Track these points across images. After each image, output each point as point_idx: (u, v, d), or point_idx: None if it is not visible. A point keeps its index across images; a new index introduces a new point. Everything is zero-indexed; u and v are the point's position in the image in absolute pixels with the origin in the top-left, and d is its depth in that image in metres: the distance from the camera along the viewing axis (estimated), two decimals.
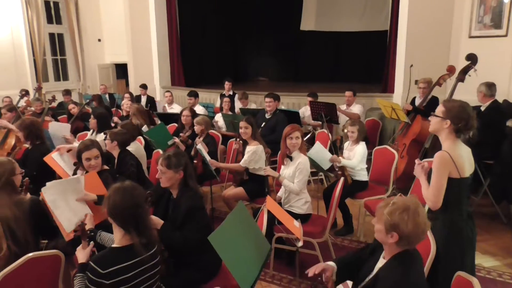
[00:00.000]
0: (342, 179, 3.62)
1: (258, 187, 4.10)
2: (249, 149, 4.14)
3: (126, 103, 6.84)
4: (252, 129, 4.17)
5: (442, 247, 2.32)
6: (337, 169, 4.36)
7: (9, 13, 9.40)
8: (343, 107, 6.43)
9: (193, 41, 11.33)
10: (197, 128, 4.83)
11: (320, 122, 6.02)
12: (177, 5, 10.72)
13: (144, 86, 9.06)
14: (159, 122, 6.28)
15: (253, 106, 7.45)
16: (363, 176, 4.36)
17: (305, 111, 6.75)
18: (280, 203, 3.69)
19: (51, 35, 10.87)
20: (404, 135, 5.01)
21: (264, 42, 13.22)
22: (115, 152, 3.87)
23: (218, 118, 6.67)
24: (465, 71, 4.71)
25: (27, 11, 9.70)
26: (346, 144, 4.56)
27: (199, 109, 6.93)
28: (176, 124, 6.08)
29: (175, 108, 7.53)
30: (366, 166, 4.38)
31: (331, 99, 6.50)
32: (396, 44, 7.17)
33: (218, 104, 7.91)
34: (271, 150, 4.33)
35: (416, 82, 5.77)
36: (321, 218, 3.86)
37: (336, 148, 5.39)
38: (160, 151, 4.56)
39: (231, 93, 8.12)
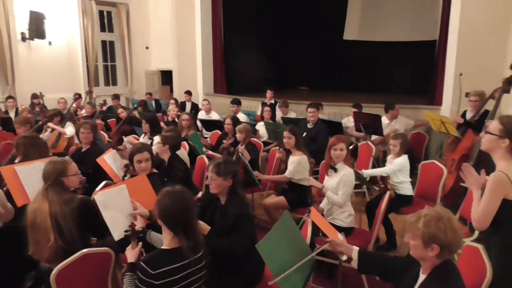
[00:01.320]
0: (388, 193, 3.52)
1: (299, 197, 4.07)
2: (293, 159, 4.12)
3: (172, 109, 7.01)
4: (296, 139, 4.16)
5: (499, 274, 2.15)
6: (380, 182, 4.25)
7: (67, 22, 9.93)
8: (385, 120, 6.25)
9: (236, 49, 11.49)
10: (238, 136, 4.87)
11: (363, 134, 5.91)
12: (222, 14, 10.93)
13: (189, 93, 9.27)
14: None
15: (293, 115, 7.44)
16: (407, 190, 4.22)
17: (347, 122, 6.66)
18: (322, 215, 3.63)
19: (103, 42, 11.37)
20: (453, 150, 4.81)
21: (306, 50, 13.19)
22: (166, 156, 3.96)
23: (260, 126, 6.70)
24: (510, 81, 4.47)
25: (83, 20, 10.22)
26: (389, 158, 4.45)
27: (241, 116, 6.98)
28: (218, 131, 6.17)
29: (213, 116, 7.65)
30: (410, 179, 4.26)
31: (375, 110, 6.37)
32: (445, 54, 6.94)
33: (259, 112, 7.94)
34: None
35: (467, 94, 5.52)
36: (364, 232, 3.77)
37: (379, 161, 5.27)
38: (204, 157, 4.64)
39: (272, 101, 8.16)
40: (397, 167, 4.15)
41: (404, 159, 4.18)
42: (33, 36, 9.07)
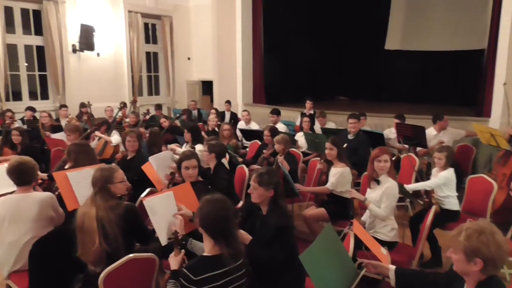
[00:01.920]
0: (433, 208, 3.40)
1: (341, 209, 4.01)
2: (335, 171, 4.07)
3: (212, 119, 7.14)
4: (338, 150, 4.11)
5: None
6: (424, 196, 4.12)
7: (114, 34, 10.39)
8: (432, 132, 6.06)
9: (275, 59, 11.56)
10: (277, 147, 4.86)
11: (406, 146, 5.75)
12: (262, 25, 11.06)
13: (228, 102, 9.42)
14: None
15: (331, 125, 7.37)
16: (453, 205, 4.06)
17: (389, 133, 6.51)
18: (363, 228, 3.56)
19: (147, 54, 11.79)
20: (504, 164, 4.59)
21: (345, 60, 13.09)
22: (212, 164, 4.02)
23: (299, 137, 6.67)
24: None
25: (129, 32, 10.65)
26: (434, 171, 4.31)
27: (280, 126, 6.99)
28: (258, 141, 6.21)
29: (253, 126, 7.69)
30: (457, 194, 4.09)
31: (418, 122, 6.20)
32: (495, 63, 6.66)
33: (298, 123, 7.93)
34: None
35: None
36: (408, 247, 3.65)
37: (422, 174, 5.12)
38: (244, 167, 4.68)
39: (312, 112, 8.12)
40: (442, 181, 4.01)
41: (450, 173, 4.03)
42: (83, 48, 9.55)
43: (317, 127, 7.21)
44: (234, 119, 8.90)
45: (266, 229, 2.71)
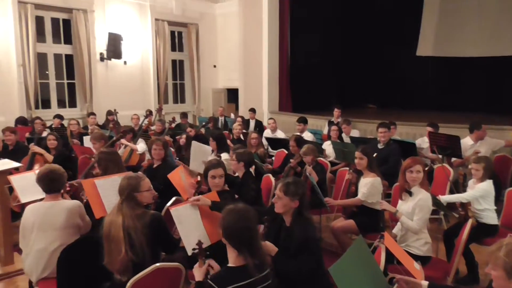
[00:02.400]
0: (469, 222, 3.30)
1: (371, 221, 3.94)
2: (366, 181, 4.02)
3: (235, 127, 7.20)
4: (368, 159, 4.06)
5: None
6: (460, 209, 4.01)
7: (141, 42, 10.65)
8: (468, 141, 5.89)
9: (302, 66, 11.57)
10: (305, 159, 4.82)
11: (440, 156, 5.62)
12: (289, 33, 11.11)
13: (253, 110, 9.45)
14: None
15: (355, 133, 7.30)
16: (491, 218, 3.93)
17: (422, 143, 6.38)
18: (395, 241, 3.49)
19: (173, 62, 12.02)
20: None
21: (374, 67, 12.95)
22: (240, 173, 4.05)
23: (326, 146, 6.63)
24: None
25: (156, 40, 10.91)
26: (470, 183, 4.19)
27: (307, 135, 6.97)
28: (284, 150, 6.20)
29: (279, 135, 7.69)
30: (495, 207, 3.96)
31: (452, 131, 6.05)
32: None
33: (325, 131, 7.89)
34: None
35: None
36: (442, 262, 3.55)
37: (458, 186, 4.98)
38: (270, 176, 4.67)
39: (340, 120, 8.06)
40: (479, 193, 3.89)
41: (488, 185, 3.91)
42: (110, 56, 9.83)
43: (346, 136, 7.15)
44: (259, 127, 8.93)
45: (291, 241, 2.69)
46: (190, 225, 2.86)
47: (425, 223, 3.40)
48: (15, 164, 4.36)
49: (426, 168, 5.61)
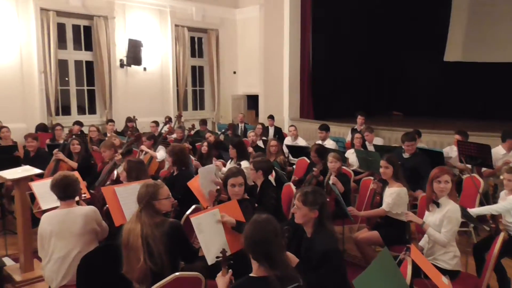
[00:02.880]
0: (501, 235, 3.23)
1: (395, 232, 3.90)
2: (391, 191, 3.98)
3: (249, 135, 7.25)
4: (393, 169, 4.02)
5: None
6: (490, 221, 3.92)
7: (161, 48, 10.83)
8: (500, 151, 5.75)
9: (324, 72, 11.57)
10: (332, 166, 4.80)
11: (469, 166, 5.51)
12: (311, 38, 11.14)
13: (271, 117, 9.47)
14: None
15: (378, 141, 7.24)
16: None
17: (450, 152, 6.27)
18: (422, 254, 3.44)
19: (193, 68, 12.17)
20: None
21: (399, 73, 12.84)
22: (259, 181, 4.06)
23: (350, 154, 6.59)
24: None
25: (175, 46, 11.07)
26: (502, 194, 4.10)
27: (329, 143, 6.95)
28: (305, 158, 6.19)
29: (300, 142, 7.68)
30: None
31: (481, 139, 5.94)
32: None
33: (348, 139, 7.84)
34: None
35: None
36: (472, 277, 3.48)
37: (488, 197, 4.88)
38: (291, 185, 4.67)
39: (363, 127, 8.00)
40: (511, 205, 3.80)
41: None
42: (130, 62, 10.02)
43: (369, 144, 7.10)
44: (279, 134, 8.94)
45: (312, 253, 2.68)
46: (210, 234, 2.88)
47: (454, 236, 3.34)
48: (37, 171, 4.48)
49: (455, 178, 5.55)
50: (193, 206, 3.74)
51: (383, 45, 12.69)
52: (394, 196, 3.94)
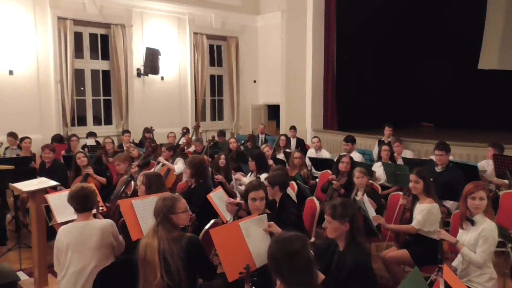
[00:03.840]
0: None
1: (426, 252, 3.83)
2: (422, 207, 3.93)
3: (265, 150, 7.24)
4: (424, 183, 3.98)
5: None
6: None
7: (179, 57, 11.03)
8: None
9: (349, 82, 11.55)
10: (359, 182, 4.75)
11: (506, 181, 5.40)
12: (336, 45, 11.15)
13: (294, 128, 9.49)
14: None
15: (408, 154, 7.15)
16: None
17: (486, 166, 6.16)
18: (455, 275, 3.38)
19: (212, 77, 12.33)
20: None
21: (429, 82, 12.71)
22: (277, 197, 4.05)
23: (377, 167, 6.54)
24: None
25: (194, 54, 11.26)
26: None
27: (355, 156, 6.91)
28: (329, 171, 6.17)
29: (324, 154, 7.66)
30: None
31: None
32: None
33: (375, 152, 7.79)
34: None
35: None
36: None
37: None
38: (315, 199, 4.67)
39: (391, 139, 7.94)
40: None
41: None
42: (148, 71, 10.21)
43: (398, 156, 7.03)
44: (301, 146, 8.95)
45: (342, 267, 2.69)
46: (258, 239, 2.92)
47: (490, 256, 3.29)
48: (53, 183, 4.60)
49: (491, 194, 5.43)
50: (212, 221, 3.77)
51: (412, 53, 12.60)
52: (425, 213, 3.89)
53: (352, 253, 2.73)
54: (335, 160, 6.10)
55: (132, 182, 4.95)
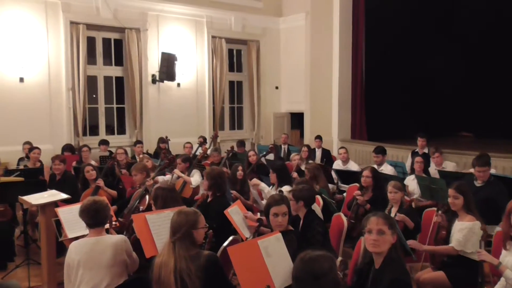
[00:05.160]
0: None
1: (465, 274, 3.77)
2: (462, 225, 3.85)
3: (294, 158, 7.24)
4: (464, 199, 3.91)
5: None
6: None
7: (196, 61, 11.16)
8: None
9: (379, 87, 11.47)
10: (392, 197, 4.69)
11: None
12: (364, 48, 11.10)
13: (319, 138, 9.44)
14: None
15: (449, 166, 7.04)
16: None
17: None
18: None
19: (231, 83, 12.43)
20: None
21: (468, 88, 12.52)
22: (301, 213, 4.04)
23: (409, 181, 6.47)
24: None
25: (212, 59, 11.39)
26: None
27: (387, 168, 6.86)
28: (357, 184, 6.12)
29: (352, 167, 7.62)
30: None
31: None
32: None
33: (408, 164, 7.71)
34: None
35: None
36: None
37: None
38: (342, 215, 4.63)
39: (426, 151, 7.87)
40: None
41: None
42: (163, 78, 10.35)
43: (433, 169, 6.94)
44: (327, 157, 8.91)
45: (378, 285, 2.66)
46: (278, 258, 2.92)
47: None
48: (63, 196, 4.69)
49: None
50: (231, 238, 3.78)
51: (448, 57, 12.46)
52: (465, 232, 3.81)
53: (391, 269, 2.70)
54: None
55: (147, 196, 5.01)
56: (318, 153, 9.31)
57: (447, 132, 12.53)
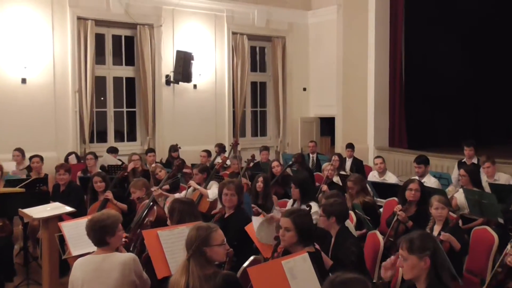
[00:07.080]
0: None
1: None
2: None
3: (327, 168, 7.18)
4: None
5: None
6: None
7: (214, 61, 11.20)
8: None
9: (420, 90, 11.35)
10: (438, 214, 4.58)
11: None
12: (404, 47, 10.99)
13: (351, 146, 9.35)
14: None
15: (503, 178, 6.88)
16: None
17: None
18: None
19: (253, 84, 12.44)
20: None
21: None
22: (334, 231, 4.00)
23: (457, 195, 6.35)
24: None
25: (232, 58, 11.41)
26: None
27: (430, 181, 6.74)
28: (395, 198, 6.04)
29: (389, 179, 7.52)
30: None
31: None
32: None
33: (455, 175, 7.58)
34: None
35: None
36: None
37: None
38: (377, 233, 4.56)
39: (475, 161, 7.72)
40: None
41: None
42: (178, 79, 10.38)
43: (483, 181, 6.79)
44: (358, 167, 8.82)
45: None
46: (305, 281, 2.92)
47: None
48: (68, 209, 4.73)
49: None
50: (252, 257, 3.76)
51: (498, 54, 12.26)
52: None
53: None
54: (402, 185, 5.96)
55: (155, 207, 5.03)
56: (348, 163, 9.23)
57: (500, 139, 12.30)
